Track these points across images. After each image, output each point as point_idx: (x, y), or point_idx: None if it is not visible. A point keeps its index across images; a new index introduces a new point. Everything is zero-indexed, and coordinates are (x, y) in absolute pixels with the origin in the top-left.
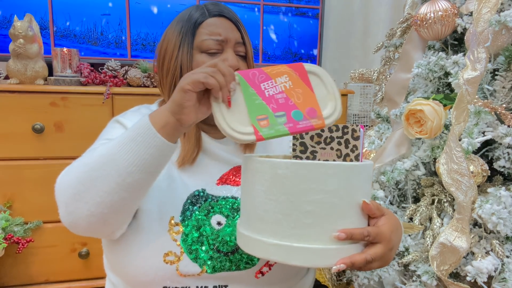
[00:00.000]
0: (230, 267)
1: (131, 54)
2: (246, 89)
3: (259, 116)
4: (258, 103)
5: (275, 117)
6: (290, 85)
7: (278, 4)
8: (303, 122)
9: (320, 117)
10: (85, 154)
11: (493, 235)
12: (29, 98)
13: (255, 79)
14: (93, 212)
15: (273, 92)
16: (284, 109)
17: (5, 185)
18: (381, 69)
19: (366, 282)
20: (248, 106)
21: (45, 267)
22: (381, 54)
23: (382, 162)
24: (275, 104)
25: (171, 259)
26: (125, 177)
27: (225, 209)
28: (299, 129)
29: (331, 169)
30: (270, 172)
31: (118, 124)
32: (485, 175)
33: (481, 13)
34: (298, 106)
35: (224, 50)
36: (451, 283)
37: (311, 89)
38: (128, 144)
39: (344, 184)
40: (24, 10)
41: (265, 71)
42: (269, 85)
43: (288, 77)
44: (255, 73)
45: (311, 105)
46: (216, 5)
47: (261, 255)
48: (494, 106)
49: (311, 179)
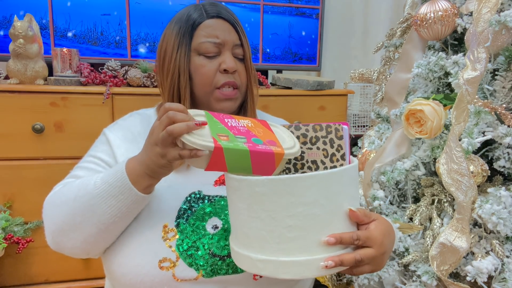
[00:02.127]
0: (227, 270)
1: (131, 54)
2: (210, 119)
3: (220, 134)
4: (220, 127)
5: (235, 137)
6: (252, 125)
7: (278, 4)
8: (262, 146)
9: (279, 146)
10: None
11: (493, 235)
12: (29, 98)
13: (220, 116)
14: (78, 247)
15: (236, 125)
16: (245, 135)
17: (5, 185)
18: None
19: (366, 282)
20: (211, 127)
21: (45, 267)
22: (381, 54)
23: (382, 162)
24: (236, 131)
25: (167, 265)
26: (108, 225)
27: (220, 210)
28: (259, 150)
29: (308, 181)
30: (248, 191)
31: (104, 138)
32: (485, 175)
33: (481, 13)
34: (258, 136)
35: (222, 53)
36: (451, 283)
37: (271, 131)
38: (109, 200)
39: (324, 193)
40: (24, 10)
41: (231, 115)
42: (233, 121)
43: (251, 122)
44: (221, 114)
45: (271, 138)
46: (214, 6)
47: (250, 270)
48: (494, 106)
49: (289, 193)
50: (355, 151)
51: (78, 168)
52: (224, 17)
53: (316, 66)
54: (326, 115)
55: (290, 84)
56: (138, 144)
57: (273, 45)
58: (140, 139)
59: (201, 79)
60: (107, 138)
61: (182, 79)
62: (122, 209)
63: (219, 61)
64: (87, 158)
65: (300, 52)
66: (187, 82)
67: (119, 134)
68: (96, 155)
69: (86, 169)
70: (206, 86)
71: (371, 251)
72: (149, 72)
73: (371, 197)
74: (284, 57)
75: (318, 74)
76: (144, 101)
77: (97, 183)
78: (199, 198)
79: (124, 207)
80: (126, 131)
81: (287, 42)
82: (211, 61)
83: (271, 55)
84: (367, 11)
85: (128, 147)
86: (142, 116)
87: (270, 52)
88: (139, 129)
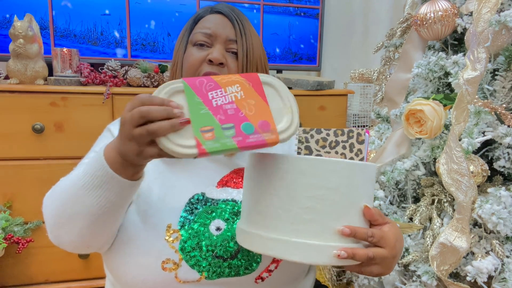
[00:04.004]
0: (230, 273)
1: (131, 54)
2: (191, 97)
3: (204, 127)
4: (204, 113)
5: (222, 129)
6: (242, 96)
7: (278, 4)
8: (254, 136)
9: (273, 131)
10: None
11: (493, 235)
12: (29, 98)
13: (203, 87)
14: (75, 240)
15: (222, 102)
16: (233, 121)
17: (5, 185)
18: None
19: (366, 282)
20: (192, 117)
21: (45, 267)
22: (381, 54)
23: (382, 162)
24: (223, 115)
25: (169, 267)
26: (98, 216)
27: (224, 213)
28: (249, 143)
29: (332, 165)
30: (272, 167)
31: (108, 134)
32: (485, 175)
33: (481, 13)
34: (249, 119)
35: (213, 45)
36: (451, 283)
37: (265, 101)
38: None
39: (345, 182)
40: (24, 10)
41: (215, 80)
42: (218, 94)
43: (240, 87)
44: (203, 81)
45: (264, 117)
46: (222, 5)
47: (259, 250)
48: (494, 106)
49: (312, 174)
50: None
51: (83, 164)
52: (224, 13)
53: (316, 66)
54: (326, 115)
55: (290, 84)
56: None
57: (273, 45)
58: None
59: (186, 67)
60: (112, 133)
61: (177, 71)
62: (110, 198)
63: (208, 52)
64: (90, 154)
65: (300, 52)
66: (179, 74)
67: None
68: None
69: None
70: (190, 74)
71: (383, 251)
72: (149, 72)
73: None
74: (284, 57)
75: (318, 74)
76: None
77: (79, 174)
78: (201, 200)
79: (112, 196)
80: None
81: (287, 42)
82: (200, 51)
83: (271, 55)
84: (367, 11)
85: None
86: None
87: (270, 52)
88: None
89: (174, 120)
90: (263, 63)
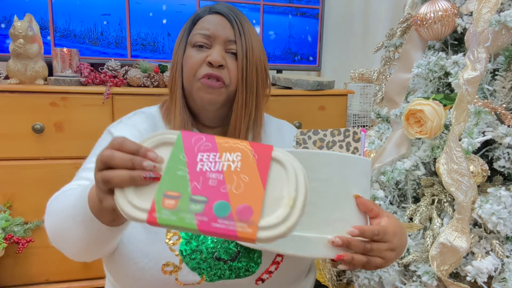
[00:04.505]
0: (230, 275)
1: (131, 54)
2: (176, 153)
3: (170, 192)
4: (180, 175)
5: (189, 201)
6: (237, 167)
7: (278, 4)
8: (224, 221)
9: (252, 224)
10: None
11: (493, 235)
12: (29, 98)
13: (196, 145)
14: (73, 254)
15: (208, 168)
16: (208, 195)
17: (5, 185)
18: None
19: (366, 282)
20: (164, 176)
21: (45, 267)
22: (381, 54)
23: (382, 162)
24: (200, 184)
25: (170, 270)
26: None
27: None
28: (213, 229)
29: (324, 158)
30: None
31: (110, 137)
32: (485, 175)
33: (481, 13)
34: (229, 198)
35: (212, 46)
36: (451, 283)
37: (262, 182)
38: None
39: (337, 173)
40: (24, 10)
41: (216, 140)
42: (209, 158)
43: (241, 157)
44: (201, 139)
45: (251, 202)
46: (221, 5)
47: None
48: (494, 106)
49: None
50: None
51: (86, 170)
52: (223, 13)
53: (316, 66)
54: (326, 115)
55: (290, 84)
56: None
57: (273, 45)
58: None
59: (186, 69)
60: (113, 136)
61: (177, 73)
62: (94, 236)
63: (208, 53)
64: (93, 158)
65: (300, 52)
66: (179, 75)
67: (126, 132)
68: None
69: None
70: (190, 76)
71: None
72: (149, 72)
73: (371, 197)
74: (284, 57)
75: (318, 74)
76: (144, 101)
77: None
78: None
79: (95, 234)
80: (133, 129)
81: (287, 42)
82: (199, 53)
83: (271, 55)
84: (367, 11)
85: None
86: (146, 115)
87: (270, 52)
88: (146, 127)
89: (136, 173)
90: (262, 63)
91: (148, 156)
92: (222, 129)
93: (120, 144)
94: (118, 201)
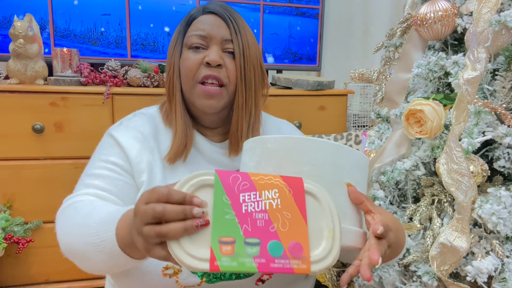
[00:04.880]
0: (230, 276)
1: (131, 54)
2: (219, 195)
3: (224, 238)
4: (229, 219)
5: (244, 245)
6: (278, 205)
7: (278, 4)
8: (280, 260)
9: (305, 259)
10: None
11: (493, 235)
12: (29, 98)
13: (235, 186)
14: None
15: (253, 209)
16: (260, 236)
17: (5, 185)
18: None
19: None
20: (214, 221)
21: (45, 267)
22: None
23: (382, 162)
24: (250, 226)
25: (170, 273)
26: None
27: None
28: (272, 269)
29: (317, 144)
30: (260, 147)
31: (112, 141)
32: (485, 175)
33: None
34: (280, 237)
35: (209, 47)
36: (451, 283)
37: (304, 217)
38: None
39: (330, 160)
40: (24, 10)
41: (251, 178)
42: (251, 198)
43: (279, 194)
44: (237, 178)
45: (298, 239)
46: (214, 4)
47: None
48: (494, 106)
49: (298, 151)
50: None
51: (92, 176)
52: (217, 13)
53: (316, 66)
54: (326, 115)
55: (290, 84)
56: (149, 144)
57: (273, 45)
58: (150, 139)
59: (184, 72)
60: (116, 140)
61: (174, 76)
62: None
63: (205, 54)
64: (98, 163)
65: (300, 52)
66: (177, 80)
67: (128, 134)
68: (108, 160)
69: (102, 178)
70: (189, 79)
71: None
72: (149, 72)
73: (371, 197)
74: (284, 57)
75: (318, 74)
76: (144, 101)
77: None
78: None
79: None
80: (135, 131)
81: (287, 42)
82: (196, 54)
83: (271, 55)
84: (367, 11)
85: (140, 147)
86: (146, 116)
87: (270, 52)
88: (147, 128)
89: (189, 223)
90: (259, 61)
91: (194, 203)
92: (223, 128)
93: (167, 196)
94: (175, 253)
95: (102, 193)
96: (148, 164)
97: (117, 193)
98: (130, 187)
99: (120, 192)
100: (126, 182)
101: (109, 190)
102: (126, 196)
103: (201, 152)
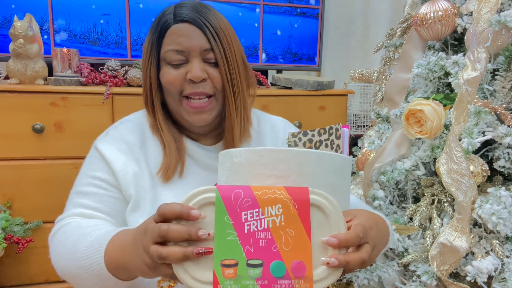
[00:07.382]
0: None
1: (131, 54)
2: (220, 215)
3: (227, 261)
4: (231, 240)
5: (247, 267)
6: (281, 222)
7: (278, 4)
8: (282, 281)
9: (308, 279)
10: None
11: (493, 235)
12: (29, 98)
13: (237, 204)
14: None
15: (255, 228)
16: (263, 257)
17: (5, 185)
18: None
19: (366, 282)
20: (216, 243)
21: (45, 267)
22: (381, 54)
23: (382, 162)
24: (252, 247)
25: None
26: None
27: None
28: None
29: (281, 154)
30: (228, 161)
31: (97, 154)
32: (485, 175)
33: (481, 13)
34: (282, 256)
35: (189, 61)
36: (451, 283)
37: (308, 233)
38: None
39: (296, 170)
40: (24, 10)
41: (254, 193)
42: (253, 216)
43: (283, 209)
44: (239, 193)
45: (302, 257)
46: (184, 7)
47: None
48: (494, 106)
49: (262, 164)
50: (355, 151)
51: (80, 194)
52: (190, 21)
53: (316, 66)
54: (326, 115)
55: (290, 84)
56: (134, 154)
57: (273, 45)
58: (136, 149)
59: (167, 86)
60: (100, 153)
61: (153, 90)
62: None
63: (187, 69)
64: (85, 180)
65: (300, 52)
66: (157, 93)
67: (113, 147)
68: (94, 175)
69: (89, 196)
70: (174, 95)
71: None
72: None
73: (371, 197)
74: (284, 57)
75: (318, 74)
76: None
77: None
78: None
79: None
80: (120, 142)
81: (287, 42)
82: (178, 70)
83: (271, 55)
84: (367, 11)
85: (125, 159)
86: (133, 123)
87: (270, 52)
88: (132, 138)
89: (189, 250)
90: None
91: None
92: (215, 132)
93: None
94: (179, 275)
95: (89, 212)
96: (134, 176)
97: (105, 210)
98: (118, 201)
99: (108, 208)
100: (113, 197)
101: (96, 208)
102: (115, 211)
103: (193, 158)
